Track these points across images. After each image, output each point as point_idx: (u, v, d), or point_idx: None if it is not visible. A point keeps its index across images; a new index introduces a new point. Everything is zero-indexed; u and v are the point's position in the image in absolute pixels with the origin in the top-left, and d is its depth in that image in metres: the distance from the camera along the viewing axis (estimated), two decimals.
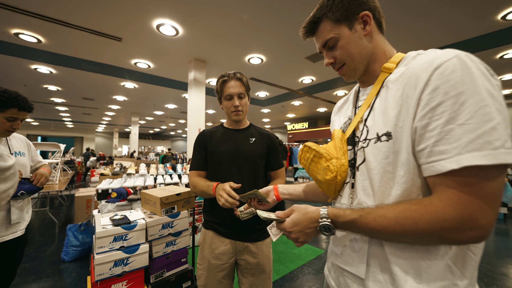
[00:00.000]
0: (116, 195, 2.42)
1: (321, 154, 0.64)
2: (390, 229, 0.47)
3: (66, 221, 4.22)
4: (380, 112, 0.56)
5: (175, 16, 3.36)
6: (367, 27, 0.60)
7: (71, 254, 2.68)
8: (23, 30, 3.77)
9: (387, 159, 0.52)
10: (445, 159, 0.42)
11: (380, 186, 0.54)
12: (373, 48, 0.61)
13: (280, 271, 2.49)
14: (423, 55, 0.52)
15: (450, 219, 0.42)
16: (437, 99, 0.44)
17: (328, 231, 0.54)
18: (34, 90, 7.18)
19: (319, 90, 7.14)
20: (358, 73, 0.64)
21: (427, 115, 0.45)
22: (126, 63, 5.17)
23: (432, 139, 0.44)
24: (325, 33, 0.62)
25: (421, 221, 0.44)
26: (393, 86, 0.54)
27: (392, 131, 0.52)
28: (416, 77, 0.48)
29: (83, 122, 15.11)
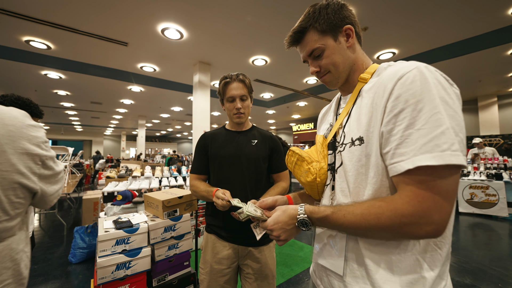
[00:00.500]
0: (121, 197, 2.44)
1: (303, 157, 0.69)
2: (357, 224, 0.51)
3: (74, 223, 4.29)
4: (355, 118, 0.61)
5: (179, 20, 3.40)
6: (350, 39, 0.65)
7: (78, 256, 2.72)
8: (33, 37, 3.88)
9: (360, 161, 0.57)
10: (404, 160, 0.47)
11: (354, 187, 0.59)
12: (355, 59, 0.67)
13: (285, 274, 2.45)
14: (391, 67, 0.57)
15: (408, 214, 0.46)
16: (399, 106, 0.49)
17: (305, 226, 0.58)
18: (45, 95, 7.38)
19: (324, 90, 7.09)
20: (340, 81, 0.68)
21: (391, 121, 0.50)
22: (132, 67, 5.26)
23: (394, 142, 0.49)
24: (311, 43, 0.65)
25: (383, 216, 0.48)
26: (366, 95, 0.59)
27: (364, 136, 0.57)
28: (384, 87, 0.53)
29: (92, 126, 15.43)
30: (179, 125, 15.23)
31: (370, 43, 4.10)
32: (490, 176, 4.63)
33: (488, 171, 4.79)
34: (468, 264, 2.62)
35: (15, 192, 0.57)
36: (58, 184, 0.73)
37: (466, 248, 3.10)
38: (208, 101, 5.22)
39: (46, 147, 0.67)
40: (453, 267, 2.57)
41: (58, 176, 0.72)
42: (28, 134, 0.61)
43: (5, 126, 0.56)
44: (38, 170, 0.63)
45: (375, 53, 4.53)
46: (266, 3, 3.03)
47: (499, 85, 6.75)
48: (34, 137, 0.62)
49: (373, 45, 4.22)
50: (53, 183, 0.70)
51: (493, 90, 7.25)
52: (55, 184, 0.71)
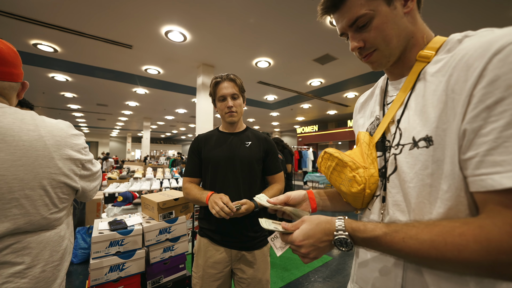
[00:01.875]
0: (122, 199, 2.46)
1: (345, 162, 0.54)
2: (423, 254, 0.38)
3: (78, 223, 4.33)
4: (417, 111, 0.46)
5: (182, 22, 3.43)
6: (408, 3, 0.49)
7: (80, 256, 2.74)
8: (41, 41, 3.97)
9: (427, 169, 0.43)
10: (501, 173, 0.33)
11: (417, 203, 0.44)
12: (413, 31, 0.50)
13: (285, 278, 2.42)
14: (474, 37, 0.42)
15: (508, 250, 0.32)
16: (495, 94, 0.34)
17: (346, 246, 0.45)
18: (52, 97, 7.54)
19: (328, 92, 7.04)
20: (391, 60, 0.52)
21: (481, 115, 0.36)
22: (137, 70, 5.32)
23: (484, 145, 0.35)
24: (356, 8, 0.48)
25: (467, 250, 0.34)
26: (434, 79, 0.44)
27: (433, 135, 0.42)
28: (467, 66, 0.38)
29: (98, 127, 15.68)
30: (183, 127, 15.34)
31: None
32: None
33: None
34: None
35: (62, 190, 0.70)
36: (96, 182, 0.86)
37: None
38: (211, 103, 5.23)
39: (86, 152, 0.79)
40: None
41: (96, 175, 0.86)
42: (71, 142, 0.73)
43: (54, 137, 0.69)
44: (79, 172, 0.75)
45: None
46: (269, 5, 3.03)
47: None
48: (76, 145, 0.75)
49: None
50: (91, 181, 0.82)
51: None
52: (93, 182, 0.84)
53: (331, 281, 2.39)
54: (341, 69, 5.25)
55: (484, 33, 0.40)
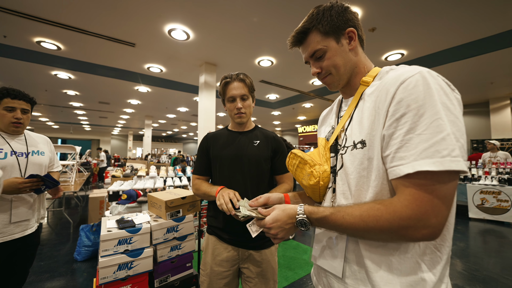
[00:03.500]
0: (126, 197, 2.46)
1: (305, 160, 0.69)
2: (355, 226, 0.52)
3: (81, 221, 4.35)
4: (357, 122, 0.61)
5: (186, 21, 3.42)
6: (352, 42, 0.65)
7: (83, 254, 2.75)
8: (44, 38, 3.97)
9: (362, 164, 0.57)
10: (403, 164, 0.48)
11: (356, 190, 0.59)
12: (356, 62, 0.67)
13: (289, 278, 2.42)
14: (393, 71, 0.58)
15: (406, 217, 0.46)
16: (400, 110, 0.49)
17: (304, 226, 0.58)
18: (55, 95, 7.54)
19: (329, 91, 7.02)
20: (341, 83, 0.68)
21: (393, 125, 0.50)
22: (140, 68, 5.32)
23: (395, 146, 0.50)
24: (314, 44, 0.65)
25: (381, 219, 0.49)
26: (368, 99, 0.60)
27: (366, 139, 0.57)
28: (386, 90, 0.53)
29: (100, 125, 15.69)
30: (185, 126, 15.34)
31: (378, 43, 4.04)
32: (503, 181, 4.48)
33: (500, 176, 4.64)
34: (478, 272, 2.54)
35: None
36: None
37: (477, 255, 3.00)
38: (213, 102, 5.23)
39: None
40: (463, 275, 2.49)
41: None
42: None
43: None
44: None
45: (383, 54, 4.46)
46: (273, 4, 3.02)
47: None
48: None
49: (381, 46, 4.16)
50: None
51: (506, 92, 7.05)
52: None
53: None
54: None
55: (401, 68, 0.56)
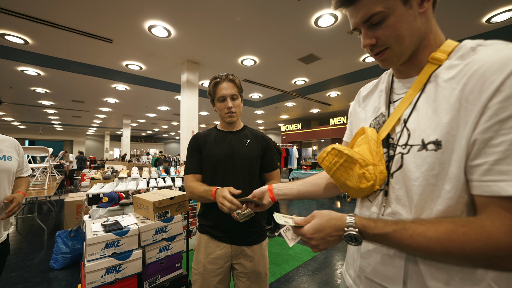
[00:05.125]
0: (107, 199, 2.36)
1: (355, 159, 0.55)
2: (428, 249, 0.42)
3: (55, 227, 4.09)
4: (427, 114, 0.48)
5: (167, 17, 3.34)
6: (425, 3, 0.49)
7: (61, 261, 2.60)
8: (9, 31, 3.66)
9: (433, 170, 0.45)
10: (506, 181, 0.38)
11: (420, 199, 0.48)
12: (427, 32, 0.51)
13: (275, 273, 2.48)
14: (488, 49, 0.43)
15: (505, 247, 0.37)
16: (509, 109, 0.37)
17: (355, 241, 0.49)
18: (21, 92, 6.98)
19: (312, 91, 7.21)
20: (402, 59, 0.53)
21: (493, 128, 0.39)
22: (117, 65, 5.09)
23: (494, 155, 0.39)
24: (371, 4, 0.48)
25: (469, 246, 0.39)
26: (447, 85, 0.46)
27: (442, 140, 0.44)
28: (483, 78, 0.40)
29: (73, 125, 14.78)
30: (166, 125, 14.92)
31: (356, 46, 4.22)
32: None
33: None
34: None
35: None
36: None
37: None
38: (196, 101, 5.16)
39: None
40: None
41: None
42: None
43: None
44: None
45: (360, 56, 4.66)
46: (256, 4, 3.04)
47: None
48: None
49: (359, 48, 4.35)
50: None
51: None
52: None
53: (319, 273, 2.49)
54: (325, 69, 5.40)
55: (500, 46, 0.42)
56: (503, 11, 3.16)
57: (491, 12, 3.20)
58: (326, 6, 3.08)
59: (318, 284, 2.30)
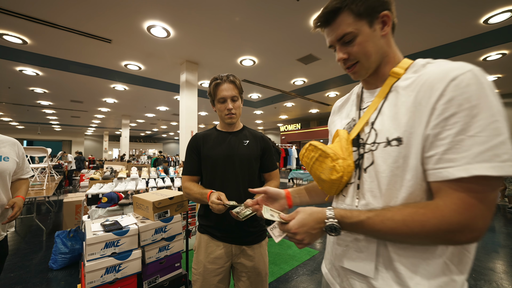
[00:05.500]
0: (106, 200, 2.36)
1: (327, 154, 0.63)
2: (397, 231, 0.49)
3: (54, 227, 4.09)
4: (390, 116, 0.57)
5: (166, 18, 3.34)
6: (385, 27, 0.60)
7: (60, 261, 2.60)
8: (7, 31, 3.66)
9: (396, 163, 0.53)
10: (453, 167, 0.45)
11: (387, 189, 0.55)
12: (387, 51, 0.62)
13: (274, 273, 2.48)
14: (434, 65, 0.54)
15: (455, 222, 0.45)
16: (451, 109, 0.46)
17: (335, 231, 0.55)
18: (19, 92, 6.96)
19: (311, 91, 7.22)
20: (369, 72, 0.63)
21: (440, 124, 0.47)
22: (116, 65, 5.09)
23: (442, 147, 0.47)
24: (344, 26, 0.59)
25: (428, 224, 0.47)
26: (404, 93, 0.55)
27: (402, 137, 0.53)
28: (431, 86, 0.50)
29: (72, 125, 14.74)
30: (164, 125, 14.90)
31: None
32: None
33: None
34: None
35: None
36: None
37: None
38: (195, 101, 5.16)
39: None
40: None
41: None
42: None
43: None
44: None
45: None
46: (255, 4, 3.05)
47: None
48: None
49: None
50: None
51: None
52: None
53: (318, 273, 2.50)
54: (323, 69, 5.42)
55: (443, 63, 0.52)
56: (500, 12, 3.18)
57: (488, 13, 3.22)
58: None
59: (317, 284, 2.30)
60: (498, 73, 5.67)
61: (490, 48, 4.27)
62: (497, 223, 4.13)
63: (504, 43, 4.07)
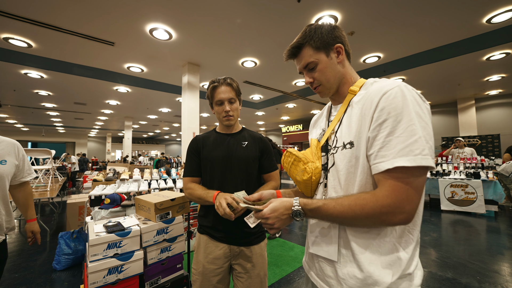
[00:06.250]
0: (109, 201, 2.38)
1: (299, 158, 0.77)
2: (344, 214, 0.60)
3: (58, 228, 4.12)
4: (347, 125, 0.69)
5: (168, 20, 3.37)
6: (340, 56, 0.74)
7: (63, 262, 2.62)
8: (13, 35, 3.72)
9: (350, 162, 0.66)
10: (384, 161, 0.57)
11: (345, 184, 0.67)
12: (344, 74, 0.75)
13: (276, 274, 2.48)
14: (377, 83, 0.67)
15: (386, 205, 0.55)
16: (382, 116, 0.59)
17: (299, 216, 0.65)
18: (24, 95, 7.06)
19: (312, 92, 7.22)
20: (331, 92, 0.77)
21: (376, 128, 0.60)
22: (119, 67, 5.14)
23: (377, 146, 0.59)
24: (306, 57, 0.74)
25: (366, 207, 0.57)
26: (356, 106, 0.68)
27: (354, 141, 0.65)
28: (371, 99, 0.63)
29: (75, 127, 14.87)
30: (167, 127, 14.98)
31: (357, 46, 4.23)
32: (469, 175, 4.87)
33: (467, 170, 5.05)
34: (449, 259, 2.76)
35: None
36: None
37: (448, 244, 3.25)
38: (197, 102, 5.19)
39: None
40: (436, 262, 2.69)
41: None
42: None
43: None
44: None
45: (362, 56, 4.68)
46: (256, 6, 3.06)
47: (476, 89, 7.14)
48: None
49: (360, 49, 4.36)
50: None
51: (471, 93, 7.67)
52: None
53: None
54: None
55: (382, 82, 0.66)
56: (504, 11, 3.16)
57: (491, 12, 3.20)
58: (325, 8, 3.10)
59: None
60: (501, 72, 5.62)
61: (493, 48, 4.24)
62: (502, 225, 4.08)
63: (508, 43, 4.04)
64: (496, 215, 4.59)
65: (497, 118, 8.06)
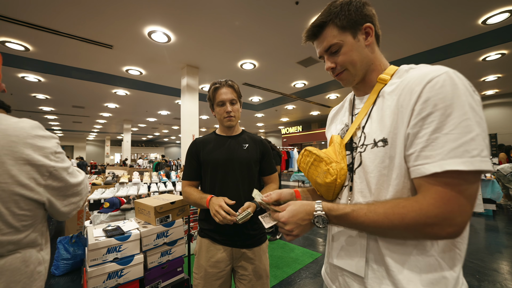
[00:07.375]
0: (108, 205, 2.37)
1: (321, 158, 0.66)
2: (379, 223, 0.51)
3: (56, 233, 4.09)
4: (377, 120, 0.60)
5: (166, 23, 3.38)
6: (369, 38, 0.64)
7: (62, 267, 2.59)
8: (10, 38, 3.71)
9: (383, 163, 0.56)
10: (429, 163, 0.48)
11: (376, 188, 0.58)
12: (373, 59, 0.65)
13: (277, 276, 2.47)
14: (415, 70, 0.57)
15: (432, 215, 0.46)
16: (427, 109, 0.49)
17: (322, 223, 0.57)
18: (22, 99, 7.03)
19: (311, 94, 7.24)
20: (356, 80, 0.67)
21: (418, 124, 0.50)
22: (118, 70, 5.13)
23: (420, 145, 0.49)
24: (329, 38, 0.63)
25: (407, 216, 0.48)
26: (389, 97, 0.58)
27: (388, 138, 0.56)
28: (411, 89, 0.53)
29: (73, 131, 14.82)
30: (166, 129, 14.95)
31: None
32: None
33: None
34: None
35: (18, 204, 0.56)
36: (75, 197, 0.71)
37: None
38: (196, 105, 5.19)
39: (57, 157, 0.65)
40: None
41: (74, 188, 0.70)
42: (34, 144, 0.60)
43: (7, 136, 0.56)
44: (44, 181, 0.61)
45: None
46: (254, 8, 3.08)
47: None
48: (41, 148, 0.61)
49: None
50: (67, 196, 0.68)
51: None
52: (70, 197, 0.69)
53: (321, 276, 2.47)
54: (324, 72, 5.43)
55: (423, 67, 0.56)
56: (499, 12, 3.19)
57: (486, 13, 3.23)
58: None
59: (320, 287, 2.29)
60: (498, 73, 5.67)
61: (489, 48, 4.28)
62: (500, 223, 4.10)
63: (503, 43, 4.08)
64: (494, 214, 4.61)
65: (494, 118, 8.12)
